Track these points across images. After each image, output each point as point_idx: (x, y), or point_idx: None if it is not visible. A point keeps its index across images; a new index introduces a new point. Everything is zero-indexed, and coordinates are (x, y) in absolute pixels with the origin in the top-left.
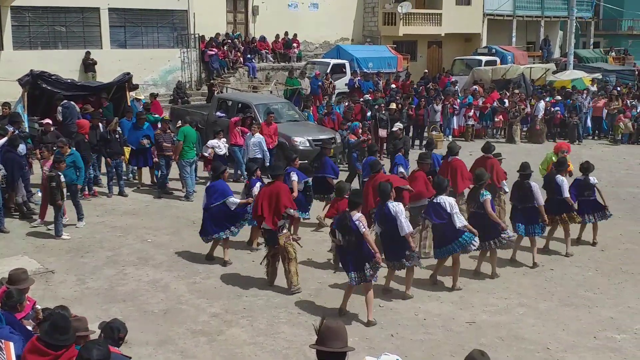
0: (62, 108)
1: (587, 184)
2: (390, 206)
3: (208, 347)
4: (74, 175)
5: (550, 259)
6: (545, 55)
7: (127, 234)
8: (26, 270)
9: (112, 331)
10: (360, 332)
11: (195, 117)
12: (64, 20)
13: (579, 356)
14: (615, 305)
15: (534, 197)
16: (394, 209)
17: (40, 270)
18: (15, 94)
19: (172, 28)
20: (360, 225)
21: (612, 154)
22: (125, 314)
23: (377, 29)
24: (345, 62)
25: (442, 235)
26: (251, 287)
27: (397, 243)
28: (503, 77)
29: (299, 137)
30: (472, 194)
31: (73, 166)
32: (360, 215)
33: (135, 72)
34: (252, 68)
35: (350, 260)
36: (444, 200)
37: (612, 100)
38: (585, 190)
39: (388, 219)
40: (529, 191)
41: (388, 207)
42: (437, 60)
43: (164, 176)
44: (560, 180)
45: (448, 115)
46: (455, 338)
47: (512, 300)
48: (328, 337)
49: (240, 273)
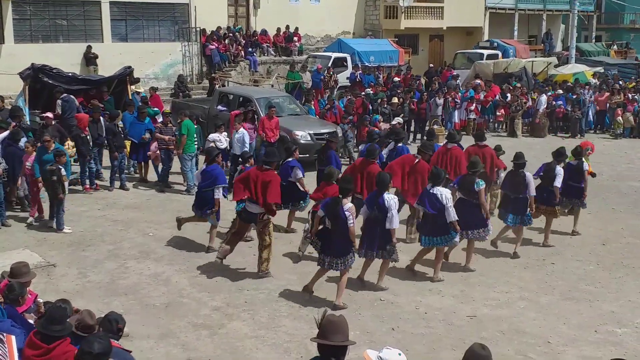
0: (61, 102)
1: (579, 170)
2: (385, 198)
3: (209, 341)
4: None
5: (552, 253)
6: (547, 48)
7: (129, 228)
8: (27, 263)
9: (110, 323)
10: (361, 325)
11: (196, 111)
12: (65, 13)
13: (579, 350)
14: (616, 299)
15: (526, 187)
16: (389, 202)
17: (42, 264)
18: (17, 88)
19: (173, 21)
20: (349, 218)
21: (613, 148)
22: (127, 308)
23: (378, 22)
24: (347, 55)
25: (433, 226)
26: (252, 280)
27: (382, 233)
28: (505, 71)
29: (300, 131)
30: (465, 181)
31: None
32: (351, 206)
33: (137, 65)
34: (254, 62)
35: (331, 246)
36: (440, 191)
37: (613, 94)
38: (575, 175)
39: (380, 209)
40: (522, 181)
41: (383, 198)
42: (438, 53)
43: (166, 170)
44: (559, 170)
45: (449, 109)
46: (456, 332)
47: (513, 294)
48: (329, 330)
49: (242, 267)
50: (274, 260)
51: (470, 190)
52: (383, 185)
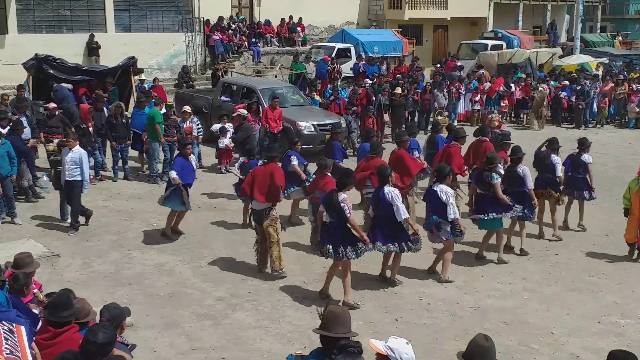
0: (52, 92)
1: (580, 161)
2: (385, 191)
3: (213, 331)
4: (8, 167)
5: (556, 244)
6: (551, 39)
7: (133, 218)
8: (31, 254)
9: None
10: (364, 316)
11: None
12: (69, 3)
13: (583, 341)
14: (619, 290)
15: (524, 182)
16: (389, 195)
17: (46, 254)
18: (20, 78)
19: (176, 12)
20: (345, 208)
21: (617, 139)
22: (131, 298)
23: (382, 12)
24: (351, 46)
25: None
26: (256, 271)
27: (394, 227)
28: (509, 62)
29: (303, 122)
30: (482, 176)
31: (7, 156)
32: (345, 197)
33: (140, 56)
34: (257, 52)
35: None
36: (441, 189)
37: (618, 85)
38: (578, 167)
39: (383, 204)
40: (518, 176)
41: (383, 192)
42: (443, 44)
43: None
44: (556, 159)
45: (453, 99)
46: (459, 322)
47: (516, 285)
48: (332, 322)
49: (245, 257)
50: None
51: (487, 183)
52: (382, 179)
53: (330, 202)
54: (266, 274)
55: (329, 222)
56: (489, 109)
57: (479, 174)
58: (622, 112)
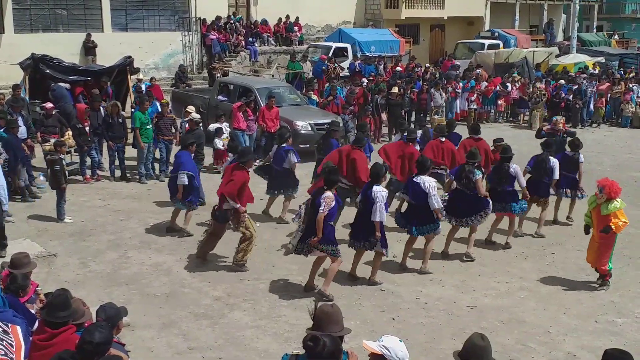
0: (50, 92)
1: (573, 161)
2: (374, 190)
3: (210, 330)
4: None
5: (552, 243)
6: (548, 38)
7: (130, 218)
8: (28, 254)
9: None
10: (361, 315)
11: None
12: (65, 3)
13: (579, 339)
14: (616, 289)
15: (513, 181)
16: (375, 194)
17: (43, 254)
18: (16, 78)
19: (173, 11)
20: (322, 205)
21: (614, 138)
22: (128, 297)
23: (379, 12)
24: (347, 45)
25: (419, 216)
26: (253, 270)
27: (366, 225)
28: (506, 61)
29: (300, 121)
30: (462, 171)
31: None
32: (327, 196)
33: (137, 55)
34: (254, 52)
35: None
36: (423, 180)
37: (614, 84)
38: (570, 166)
39: (368, 201)
40: (507, 174)
41: (372, 190)
42: (439, 43)
43: (165, 160)
44: (554, 162)
45: (450, 99)
46: (456, 321)
47: (513, 284)
48: (325, 321)
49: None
50: (273, 251)
51: (467, 179)
52: (375, 177)
53: (314, 199)
54: (265, 273)
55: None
56: (485, 108)
57: (459, 169)
58: (618, 111)
